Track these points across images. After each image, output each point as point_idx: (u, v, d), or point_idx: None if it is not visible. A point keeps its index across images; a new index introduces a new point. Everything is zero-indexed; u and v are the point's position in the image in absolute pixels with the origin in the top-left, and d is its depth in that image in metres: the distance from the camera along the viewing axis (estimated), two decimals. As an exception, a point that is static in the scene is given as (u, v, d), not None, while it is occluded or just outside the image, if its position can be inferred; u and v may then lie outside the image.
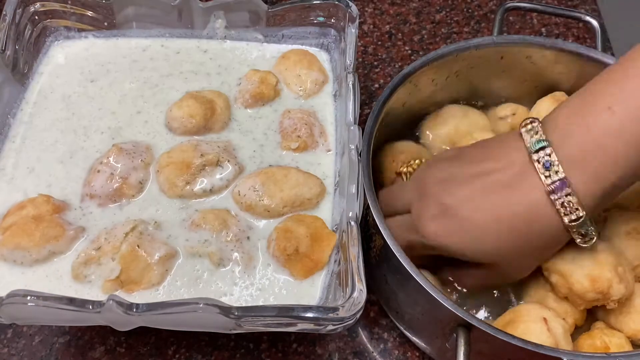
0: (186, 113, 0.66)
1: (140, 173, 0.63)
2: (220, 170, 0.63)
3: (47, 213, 0.59)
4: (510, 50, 0.73)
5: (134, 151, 0.64)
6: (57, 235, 0.58)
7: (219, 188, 0.63)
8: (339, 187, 0.63)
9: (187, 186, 0.62)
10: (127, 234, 0.58)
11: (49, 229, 0.58)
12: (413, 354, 0.67)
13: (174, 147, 0.65)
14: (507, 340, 0.51)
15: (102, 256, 0.57)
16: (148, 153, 0.65)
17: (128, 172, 0.62)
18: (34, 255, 0.57)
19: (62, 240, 0.59)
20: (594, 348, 0.58)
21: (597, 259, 0.57)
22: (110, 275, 0.56)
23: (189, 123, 0.66)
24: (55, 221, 0.59)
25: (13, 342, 0.67)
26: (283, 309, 0.50)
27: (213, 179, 0.63)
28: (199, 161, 0.62)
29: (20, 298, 0.48)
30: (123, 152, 0.63)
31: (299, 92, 0.71)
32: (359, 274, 0.52)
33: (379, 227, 0.57)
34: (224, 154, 0.64)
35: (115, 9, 0.73)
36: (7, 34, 0.67)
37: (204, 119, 0.66)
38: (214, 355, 0.66)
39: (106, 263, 0.57)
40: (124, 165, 0.62)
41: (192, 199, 0.62)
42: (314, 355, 0.67)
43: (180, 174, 0.62)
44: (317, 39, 0.75)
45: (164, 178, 0.63)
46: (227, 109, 0.69)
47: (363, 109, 0.87)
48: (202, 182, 0.62)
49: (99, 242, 0.58)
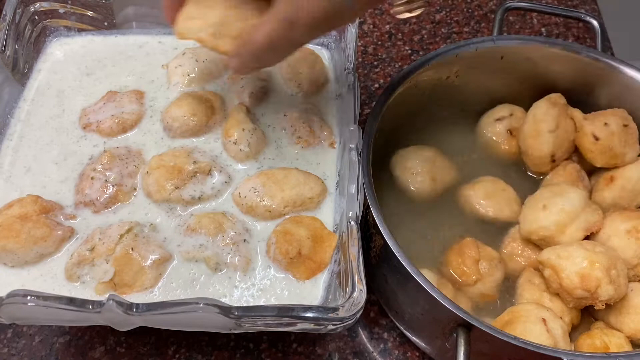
0: (187, 111, 0.65)
1: (134, 179, 0.63)
2: (211, 179, 0.62)
3: (34, 213, 0.58)
4: (510, 50, 0.73)
5: (127, 156, 0.63)
6: (43, 236, 0.57)
7: (208, 197, 0.62)
8: (339, 187, 0.63)
9: (176, 191, 0.61)
10: (122, 235, 0.57)
11: (35, 229, 0.57)
12: (413, 354, 0.67)
13: (167, 151, 0.64)
14: (507, 340, 0.51)
15: (96, 257, 0.57)
16: (140, 158, 0.64)
17: (122, 178, 0.62)
18: (22, 256, 0.57)
19: (49, 241, 0.58)
20: (594, 348, 0.58)
21: (591, 258, 0.57)
22: (104, 277, 0.56)
23: (191, 122, 0.65)
24: (41, 221, 0.58)
25: (13, 342, 0.67)
26: (283, 308, 0.50)
27: (204, 187, 0.62)
28: (192, 168, 0.62)
29: (20, 298, 0.48)
30: (116, 159, 0.62)
31: (297, 89, 0.71)
32: (359, 274, 0.52)
33: (379, 227, 0.57)
34: (216, 163, 0.63)
35: (115, 9, 0.73)
36: (7, 34, 0.67)
37: (205, 117, 0.66)
38: (214, 355, 0.66)
39: (100, 264, 0.56)
40: (118, 172, 0.62)
41: (179, 204, 0.61)
42: (314, 355, 0.67)
43: (171, 178, 0.61)
44: (317, 39, 0.75)
45: (153, 180, 0.61)
46: (224, 108, 0.69)
47: (363, 109, 0.87)
48: (192, 189, 0.61)
49: (93, 242, 0.58)
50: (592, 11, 1.01)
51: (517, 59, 0.74)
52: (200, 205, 0.62)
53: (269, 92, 0.71)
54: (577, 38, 0.98)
